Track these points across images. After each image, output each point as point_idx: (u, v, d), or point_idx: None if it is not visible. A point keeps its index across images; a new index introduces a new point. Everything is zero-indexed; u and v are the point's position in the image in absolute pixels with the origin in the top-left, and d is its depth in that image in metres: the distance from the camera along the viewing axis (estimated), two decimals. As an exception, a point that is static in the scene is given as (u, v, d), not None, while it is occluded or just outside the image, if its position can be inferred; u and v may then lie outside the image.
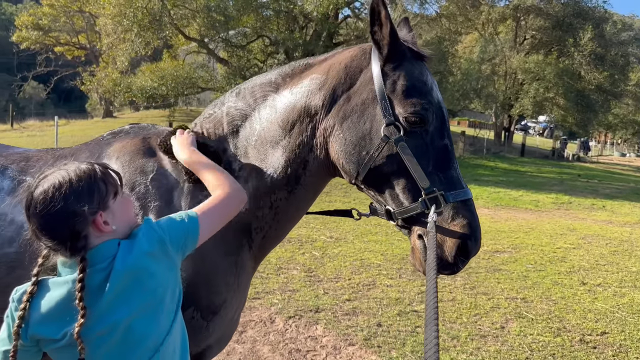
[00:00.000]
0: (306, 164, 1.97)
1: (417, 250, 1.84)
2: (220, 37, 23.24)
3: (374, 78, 1.87)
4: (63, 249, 1.43)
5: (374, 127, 1.85)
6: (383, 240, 8.99)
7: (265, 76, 2.12)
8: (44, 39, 37.75)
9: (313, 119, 1.95)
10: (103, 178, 1.49)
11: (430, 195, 1.77)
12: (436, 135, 1.85)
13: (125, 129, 2.20)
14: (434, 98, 1.87)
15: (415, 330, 5.14)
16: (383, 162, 1.84)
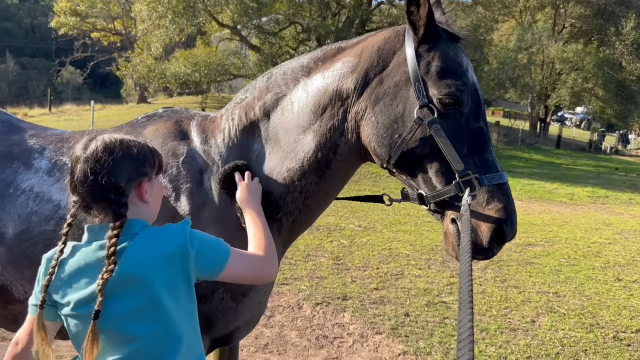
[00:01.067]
0: (337, 148, 1.96)
1: (450, 234, 1.81)
2: (253, 23, 23.27)
3: (408, 59, 1.83)
4: (101, 201, 1.46)
5: (407, 109, 1.82)
6: (412, 231, 8.92)
7: (297, 60, 2.11)
8: (81, 24, 38.53)
9: (344, 102, 1.93)
10: (153, 153, 1.58)
11: (464, 178, 1.73)
12: (471, 117, 1.81)
13: (159, 113, 2.23)
14: (469, 80, 1.83)
15: (444, 321, 5.10)
16: (416, 144, 1.80)
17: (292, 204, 2.02)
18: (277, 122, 2.02)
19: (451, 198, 1.77)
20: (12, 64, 59.10)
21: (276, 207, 1.97)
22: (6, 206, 1.91)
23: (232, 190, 1.91)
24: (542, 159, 25.53)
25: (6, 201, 1.92)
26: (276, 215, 1.98)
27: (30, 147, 2.04)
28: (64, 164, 1.99)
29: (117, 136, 1.51)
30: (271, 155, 2.00)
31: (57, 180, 1.95)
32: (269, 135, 2.02)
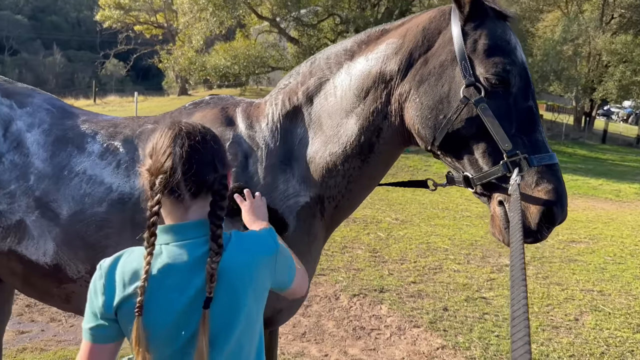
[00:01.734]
0: (380, 131, 1.94)
1: (497, 217, 1.76)
2: (292, 15, 23.32)
3: (454, 38, 1.80)
4: (202, 191, 1.38)
5: (453, 89, 1.78)
6: (450, 225, 8.80)
7: (340, 45, 2.10)
8: (124, 17, 39.39)
9: (388, 84, 1.91)
10: None
11: (512, 158, 1.69)
12: (520, 96, 1.76)
13: (205, 100, 2.27)
14: (518, 58, 1.78)
15: (483, 317, 5.02)
16: (462, 125, 1.76)
17: (334, 189, 2.02)
18: (320, 106, 2.02)
19: (498, 179, 1.73)
20: (59, 56, 61.12)
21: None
22: (61, 188, 1.98)
23: (238, 214, 1.85)
24: (587, 154, 24.73)
25: (61, 183, 1.98)
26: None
27: (84, 131, 2.11)
28: (115, 148, 2.05)
29: (196, 123, 1.46)
30: (314, 140, 2.01)
31: (108, 164, 2.01)
32: (312, 119, 2.03)
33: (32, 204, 1.98)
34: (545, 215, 1.68)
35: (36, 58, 59.99)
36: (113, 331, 1.37)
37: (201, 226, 1.38)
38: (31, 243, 1.99)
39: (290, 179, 1.99)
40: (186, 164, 1.34)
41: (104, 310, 1.34)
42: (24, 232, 1.98)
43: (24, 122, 2.08)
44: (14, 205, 1.98)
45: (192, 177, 1.34)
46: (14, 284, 2.20)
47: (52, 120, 2.12)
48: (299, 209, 1.99)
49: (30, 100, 2.17)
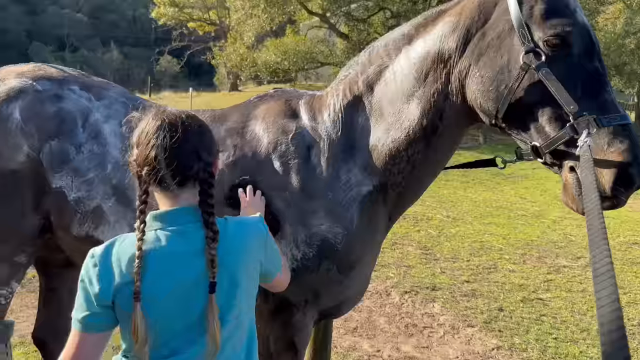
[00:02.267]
0: (442, 112, 1.92)
1: (569, 185, 1.70)
2: (342, 10, 23.28)
3: (510, 6, 1.77)
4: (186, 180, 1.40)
5: (512, 58, 1.75)
6: (505, 224, 8.59)
7: (397, 30, 2.10)
8: (179, 15, 40.42)
9: (447, 63, 1.89)
10: None
11: (579, 120, 1.62)
12: (583, 57, 1.70)
13: (270, 93, 2.31)
14: (578, 19, 1.72)
15: (541, 318, 4.88)
16: (524, 93, 1.72)
17: (398, 175, 2.01)
18: (381, 93, 2.02)
19: (567, 144, 1.66)
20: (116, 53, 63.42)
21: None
22: None
23: (237, 207, 1.95)
24: (649, 154, 23.58)
25: None
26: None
27: None
28: None
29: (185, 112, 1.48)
30: (376, 128, 2.01)
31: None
32: (373, 107, 2.03)
33: (109, 191, 2.07)
34: (621, 177, 1.59)
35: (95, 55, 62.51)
36: (106, 319, 1.37)
37: (193, 212, 1.41)
38: (107, 228, 2.08)
39: (352, 168, 2.00)
40: (169, 155, 1.35)
41: (100, 298, 1.33)
42: (100, 218, 2.08)
43: (101, 114, 2.18)
44: (92, 192, 2.08)
45: (176, 168, 1.36)
46: (89, 268, 2.31)
47: (126, 112, 2.20)
48: (361, 198, 2.00)
49: (106, 93, 2.27)
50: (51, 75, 2.24)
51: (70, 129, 2.12)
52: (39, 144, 2.09)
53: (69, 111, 2.14)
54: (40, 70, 2.27)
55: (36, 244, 2.19)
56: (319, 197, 1.98)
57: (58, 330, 2.59)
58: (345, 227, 1.97)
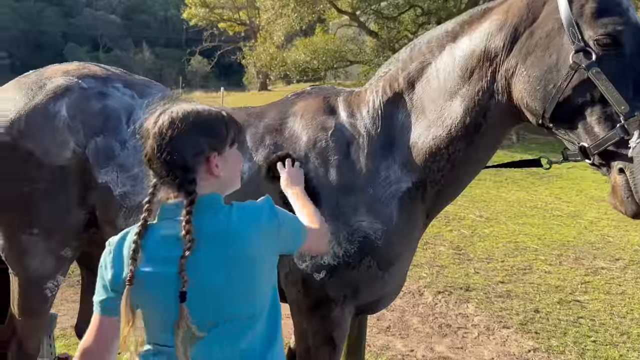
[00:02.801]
0: (487, 111, 1.90)
1: (618, 187, 1.66)
2: (372, 8, 23.21)
3: (560, 5, 1.74)
4: (172, 178, 1.41)
5: (562, 57, 1.72)
6: (540, 224, 8.41)
7: (441, 27, 2.09)
8: (209, 15, 40.99)
9: (493, 62, 1.87)
10: (226, 123, 1.50)
11: (631, 120, 1.59)
12: (636, 57, 1.66)
13: (307, 90, 2.32)
14: (631, 18, 1.68)
15: (578, 320, 4.76)
16: (573, 92, 1.69)
17: (437, 173, 1.99)
18: (422, 91, 2.01)
19: (617, 145, 1.63)
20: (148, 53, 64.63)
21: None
22: None
23: (278, 180, 1.98)
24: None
25: None
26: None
27: None
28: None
29: (187, 108, 1.46)
30: (416, 125, 2.00)
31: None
32: (414, 104, 2.02)
33: None
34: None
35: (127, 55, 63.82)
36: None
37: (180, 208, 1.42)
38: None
39: (391, 165, 2.00)
40: (164, 153, 1.39)
41: (113, 283, 1.40)
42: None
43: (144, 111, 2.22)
44: (137, 187, 2.12)
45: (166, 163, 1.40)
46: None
47: None
48: (400, 195, 1.99)
49: (148, 90, 2.31)
50: (95, 74, 2.30)
51: (115, 125, 2.16)
52: (85, 140, 2.14)
53: (114, 108, 2.19)
54: (85, 68, 2.33)
55: (81, 238, 2.25)
56: (359, 193, 1.98)
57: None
58: (385, 223, 1.96)
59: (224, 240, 1.40)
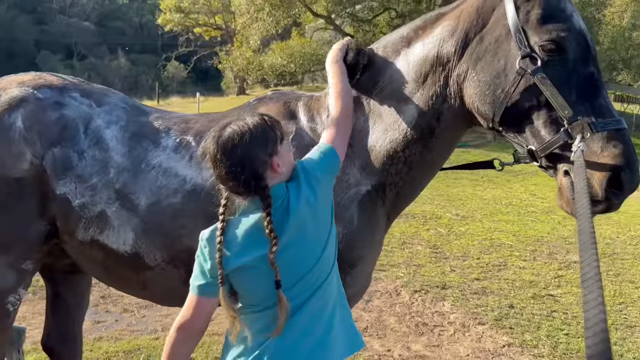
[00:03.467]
0: (440, 115, 1.93)
1: (564, 189, 1.71)
2: (347, 12, 23.35)
3: (507, 11, 1.78)
4: (247, 189, 1.58)
5: (509, 62, 1.76)
6: (515, 221, 8.54)
7: (397, 32, 2.11)
8: (184, 20, 40.74)
9: (445, 67, 1.90)
10: (272, 126, 1.65)
11: (574, 124, 1.63)
12: (579, 63, 1.71)
13: (268, 95, 2.32)
14: (575, 24, 1.73)
15: (552, 314, 4.84)
16: (520, 97, 1.73)
17: (396, 175, 2.02)
18: (380, 94, 2.03)
19: (562, 148, 1.67)
20: (123, 60, 63.88)
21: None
22: (139, 180, 2.08)
23: None
24: (661, 147, 23.37)
25: (139, 176, 2.08)
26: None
27: (157, 127, 2.20)
28: (188, 142, 2.13)
29: (238, 129, 1.59)
30: (374, 129, 2.02)
31: (182, 157, 2.09)
32: (372, 108, 2.04)
33: (113, 195, 2.09)
34: (613, 181, 1.61)
35: (102, 62, 62.95)
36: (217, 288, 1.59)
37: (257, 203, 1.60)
38: (112, 232, 2.09)
39: (351, 168, 2.01)
40: (237, 175, 1.56)
41: (212, 271, 1.58)
42: (105, 223, 2.10)
43: (103, 120, 2.19)
44: (95, 197, 2.09)
45: (237, 187, 1.58)
46: (95, 272, 2.33)
47: (128, 117, 2.22)
48: (360, 198, 2.01)
49: (107, 99, 2.28)
50: (52, 83, 2.26)
51: (72, 135, 2.13)
52: (42, 151, 2.11)
53: (71, 118, 2.16)
54: (40, 78, 2.29)
55: (42, 250, 2.21)
56: None
57: (66, 335, 2.61)
58: (346, 226, 1.97)
59: (299, 221, 1.58)
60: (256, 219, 1.57)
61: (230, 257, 1.57)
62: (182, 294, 2.12)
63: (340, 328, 1.68)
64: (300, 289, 1.60)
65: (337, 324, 1.67)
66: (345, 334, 1.70)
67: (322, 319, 1.63)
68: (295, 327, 1.58)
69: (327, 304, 1.65)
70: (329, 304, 1.66)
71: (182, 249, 2.01)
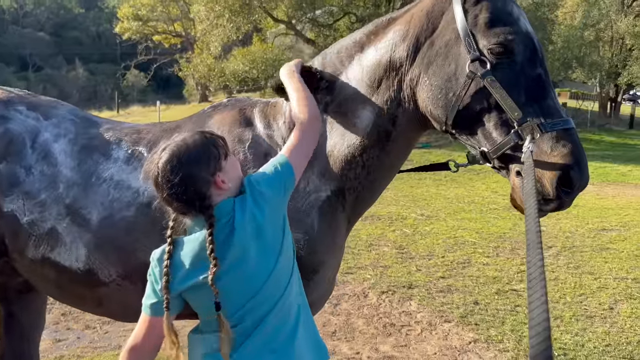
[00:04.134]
0: (395, 119, 1.95)
1: (517, 189, 1.74)
2: (307, 17, 23.39)
3: (456, 15, 1.80)
4: (192, 209, 1.57)
5: (459, 66, 1.78)
6: (477, 218, 8.70)
7: (350, 37, 2.11)
8: (143, 28, 40.11)
9: (399, 71, 1.92)
10: (213, 143, 1.62)
11: (523, 126, 1.67)
12: (527, 65, 1.75)
13: (223, 102, 2.29)
14: (521, 27, 1.77)
15: (515, 309, 4.95)
16: (471, 100, 1.76)
17: (355, 180, 2.02)
18: (335, 100, 2.03)
19: (513, 149, 1.71)
20: (81, 70, 62.42)
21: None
22: (90, 195, 2.02)
23: None
24: (615, 141, 24.20)
25: (90, 190, 2.03)
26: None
27: (108, 139, 2.14)
28: (140, 153, 2.08)
29: (176, 149, 1.58)
30: (332, 134, 2.02)
31: (134, 169, 2.04)
32: (329, 114, 2.04)
33: (63, 211, 2.02)
34: (562, 179, 1.65)
35: (59, 73, 61.42)
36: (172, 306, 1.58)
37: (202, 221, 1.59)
38: (64, 249, 2.03)
39: (310, 175, 2.00)
40: (179, 196, 1.56)
41: None
42: (56, 240, 2.03)
43: (51, 133, 2.13)
44: (45, 213, 2.03)
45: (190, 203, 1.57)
46: (48, 290, 2.25)
47: (77, 130, 2.16)
48: (320, 204, 2.00)
49: (54, 111, 2.22)
50: None
51: (18, 150, 2.06)
52: None
53: (17, 132, 2.08)
54: None
55: (-8, 269, 2.13)
56: None
57: (22, 357, 2.51)
58: (307, 232, 1.97)
59: (242, 240, 1.55)
60: (202, 238, 1.55)
61: (177, 279, 1.55)
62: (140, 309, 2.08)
63: (304, 341, 1.66)
64: (254, 306, 1.57)
65: (301, 336, 1.65)
66: (309, 346, 1.68)
67: (284, 333, 1.62)
68: (257, 343, 1.57)
69: (288, 317, 1.64)
70: (290, 316, 1.64)
71: (138, 263, 1.96)
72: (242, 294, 1.56)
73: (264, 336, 1.58)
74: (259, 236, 1.58)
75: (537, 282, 1.12)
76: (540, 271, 1.14)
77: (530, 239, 1.28)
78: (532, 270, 1.16)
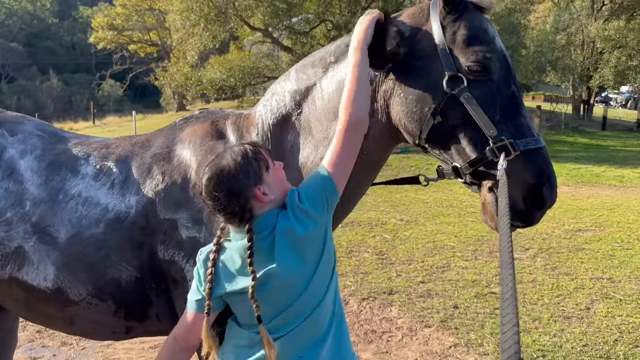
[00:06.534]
0: (368, 130, 1.93)
1: (488, 204, 1.77)
2: (284, 24, 23.43)
3: (434, 31, 1.82)
4: (234, 221, 1.63)
5: (436, 81, 1.79)
6: (456, 222, 8.77)
7: (325, 49, 2.11)
8: (118, 38, 39.72)
9: (372, 83, 1.91)
10: (254, 156, 1.65)
11: (498, 143, 1.70)
12: (502, 83, 1.78)
13: (195, 115, 2.27)
14: (497, 46, 1.80)
15: (494, 312, 4.98)
16: (446, 116, 1.77)
17: None
18: (309, 111, 2.02)
19: (486, 166, 1.73)
20: (55, 81, 61.48)
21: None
22: (57, 212, 1.98)
23: None
24: (588, 142, 24.66)
25: (57, 207, 1.98)
26: None
27: (76, 154, 2.11)
28: (109, 169, 2.05)
29: (219, 165, 1.62)
30: (304, 145, 2.01)
31: (103, 185, 2.01)
32: (302, 125, 2.03)
33: (30, 229, 1.98)
34: (534, 197, 1.70)
35: (33, 84, 60.38)
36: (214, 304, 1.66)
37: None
38: (31, 269, 1.98)
39: None
40: (225, 209, 1.62)
41: None
42: (23, 259, 1.98)
43: (16, 150, 2.08)
44: (11, 232, 1.98)
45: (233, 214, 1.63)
46: (17, 311, 2.20)
47: (44, 146, 2.12)
48: None
49: (21, 127, 2.17)
50: None
51: None
52: None
53: None
54: None
55: (-41, 290, 2.07)
56: None
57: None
58: None
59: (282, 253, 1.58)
60: (243, 248, 1.61)
61: (219, 284, 1.63)
62: (113, 327, 2.04)
63: (333, 351, 1.68)
64: (288, 315, 1.61)
65: (329, 346, 1.67)
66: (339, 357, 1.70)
67: (313, 342, 1.65)
68: (287, 349, 1.61)
69: (321, 326, 1.66)
70: (323, 326, 1.66)
71: (108, 280, 1.93)
72: (278, 304, 1.60)
73: (294, 343, 1.62)
74: (298, 250, 1.61)
75: (509, 304, 1.13)
76: (512, 292, 1.16)
77: (503, 257, 1.29)
78: (505, 291, 1.18)
